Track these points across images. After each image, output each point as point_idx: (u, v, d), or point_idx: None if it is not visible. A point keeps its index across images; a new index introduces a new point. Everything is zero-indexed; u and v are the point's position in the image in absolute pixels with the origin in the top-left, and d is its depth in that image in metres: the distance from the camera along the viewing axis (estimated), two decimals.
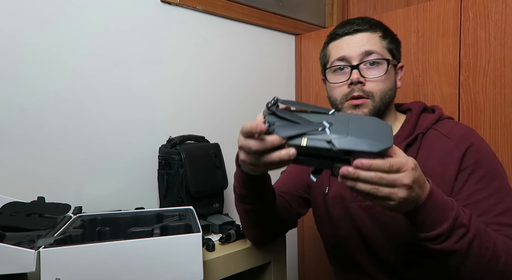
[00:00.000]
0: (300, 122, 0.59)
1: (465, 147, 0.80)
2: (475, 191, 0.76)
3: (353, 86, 0.85)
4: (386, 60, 0.85)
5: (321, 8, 1.86)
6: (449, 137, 0.83)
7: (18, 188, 0.99)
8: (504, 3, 1.10)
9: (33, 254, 0.65)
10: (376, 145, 0.56)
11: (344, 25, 0.89)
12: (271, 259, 1.04)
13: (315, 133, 0.57)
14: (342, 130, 0.57)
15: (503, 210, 0.74)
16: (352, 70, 0.85)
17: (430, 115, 0.89)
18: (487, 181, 0.77)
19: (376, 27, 0.87)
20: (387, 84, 0.86)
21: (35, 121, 1.02)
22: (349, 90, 0.86)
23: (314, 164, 0.60)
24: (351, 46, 0.86)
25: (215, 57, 1.41)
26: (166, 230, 0.83)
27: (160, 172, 1.18)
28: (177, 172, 1.13)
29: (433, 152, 0.83)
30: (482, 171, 0.78)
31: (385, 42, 0.87)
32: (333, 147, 0.56)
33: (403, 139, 0.86)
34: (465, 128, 0.85)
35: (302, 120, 0.60)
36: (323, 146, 0.56)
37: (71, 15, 1.06)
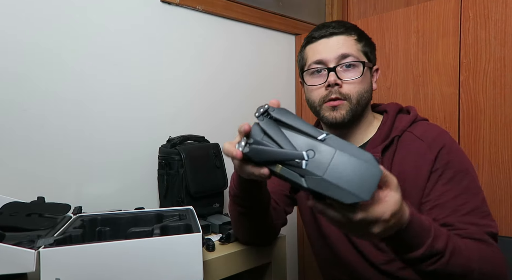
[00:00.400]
0: (280, 146, 0.57)
1: (438, 149, 0.82)
2: (444, 192, 0.79)
3: (330, 88, 0.86)
4: (362, 63, 0.87)
5: (321, 8, 1.86)
6: (423, 140, 0.85)
7: (18, 188, 0.99)
8: (504, 3, 1.10)
9: (33, 254, 0.65)
10: (349, 197, 0.50)
11: (320, 28, 0.90)
12: (271, 259, 1.04)
13: (291, 163, 0.55)
14: (320, 167, 0.53)
15: (470, 209, 0.77)
16: (329, 73, 0.86)
17: (405, 117, 0.91)
18: (456, 182, 0.79)
19: (352, 31, 0.89)
20: (364, 86, 0.88)
21: (35, 121, 1.02)
22: (327, 92, 0.87)
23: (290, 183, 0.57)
24: (328, 49, 0.87)
25: (215, 57, 1.41)
26: (166, 230, 0.83)
27: (160, 172, 1.18)
28: (177, 172, 1.13)
29: (409, 155, 0.85)
30: (451, 172, 0.80)
31: (360, 45, 0.89)
32: (303, 185, 0.53)
33: (380, 142, 0.88)
34: (438, 130, 0.87)
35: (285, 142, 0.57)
36: (295, 180, 0.54)
37: (71, 15, 1.06)
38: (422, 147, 0.84)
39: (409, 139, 0.86)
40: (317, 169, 0.53)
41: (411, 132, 0.87)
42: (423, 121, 0.91)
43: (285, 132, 0.58)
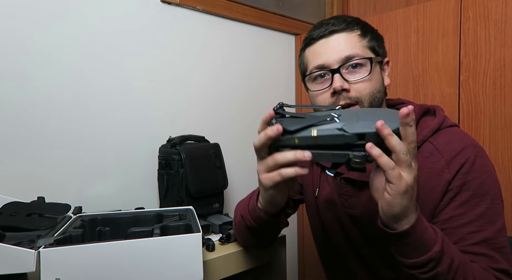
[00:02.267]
0: (307, 117, 0.58)
1: (457, 168, 0.72)
2: (455, 216, 0.71)
3: (337, 95, 0.78)
4: (369, 59, 0.77)
5: (321, 8, 1.86)
6: (443, 155, 0.74)
7: (18, 188, 0.99)
8: (504, 3, 1.10)
9: (33, 254, 0.65)
10: (389, 125, 0.53)
11: (318, 27, 0.81)
12: (271, 259, 1.04)
13: (325, 123, 0.56)
14: (351, 118, 0.56)
15: (481, 239, 0.69)
16: (333, 76, 0.77)
17: (430, 122, 0.80)
18: (470, 206, 0.70)
19: (354, 25, 0.79)
20: (374, 85, 0.78)
21: (35, 121, 1.02)
22: (334, 99, 0.78)
23: (329, 157, 0.57)
24: (329, 50, 0.78)
25: (215, 57, 1.41)
26: (166, 230, 0.83)
27: (160, 172, 1.18)
28: (177, 172, 1.13)
29: (423, 169, 0.74)
30: (467, 194, 0.71)
31: (365, 41, 0.79)
32: (345, 133, 0.54)
33: None
34: (463, 142, 0.75)
35: (310, 116, 0.59)
36: (334, 133, 0.55)
37: (70, 15, 1.06)
38: (439, 163, 0.74)
39: (427, 151, 0.76)
40: (350, 119, 0.56)
41: (432, 143, 0.76)
42: (449, 129, 0.79)
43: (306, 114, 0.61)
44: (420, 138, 0.77)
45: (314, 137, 0.56)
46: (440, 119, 0.79)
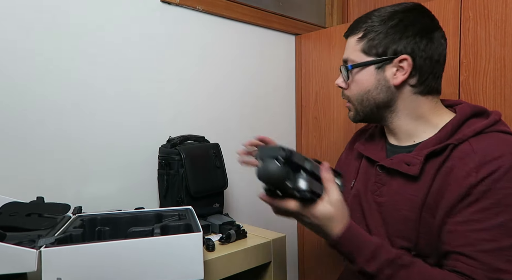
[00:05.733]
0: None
1: (484, 175, 0.70)
2: (470, 221, 0.70)
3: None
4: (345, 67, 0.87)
5: (321, 8, 1.86)
6: (476, 157, 0.72)
7: (18, 188, 0.98)
8: (504, 3, 1.10)
9: (34, 254, 0.65)
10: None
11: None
12: (271, 259, 1.04)
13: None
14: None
15: (494, 248, 0.67)
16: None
17: (477, 123, 0.79)
18: (490, 214, 0.69)
19: (359, 28, 0.86)
20: (361, 88, 0.86)
21: (35, 121, 1.02)
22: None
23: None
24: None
25: (215, 57, 1.41)
26: (167, 230, 0.83)
27: (160, 172, 1.18)
28: (177, 172, 1.13)
29: (454, 170, 0.74)
30: (489, 201, 0.69)
31: (361, 43, 0.84)
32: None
33: (430, 146, 0.79)
34: (503, 150, 0.71)
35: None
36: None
37: (70, 15, 1.06)
38: (469, 166, 0.72)
39: (464, 152, 0.74)
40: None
41: (471, 145, 0.75)
42: (497, 134, 0.76)
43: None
44: (459, 136, 0.76)
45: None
46: (489, 122, 0.78)
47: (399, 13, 0.82)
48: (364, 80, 0.85)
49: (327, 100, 1.59)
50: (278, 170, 0.66)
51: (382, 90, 0.84)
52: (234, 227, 1.05)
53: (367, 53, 0.84)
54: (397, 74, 0.83)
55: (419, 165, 0.78)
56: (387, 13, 0.83)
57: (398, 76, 0.83)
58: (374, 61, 0.84)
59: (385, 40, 0.82)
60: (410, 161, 0.80)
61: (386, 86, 0.84)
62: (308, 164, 0.72)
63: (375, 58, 0.83)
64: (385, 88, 0.84)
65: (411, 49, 0.81)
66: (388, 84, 0.84)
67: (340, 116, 1.54)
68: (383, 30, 0.82)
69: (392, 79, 0.83)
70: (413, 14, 0.83)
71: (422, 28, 0.82)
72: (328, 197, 0.73)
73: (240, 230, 1.05)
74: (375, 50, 0.83)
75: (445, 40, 0.86)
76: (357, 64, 0.85)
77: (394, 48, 0.82)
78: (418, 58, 0.81)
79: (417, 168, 0.78)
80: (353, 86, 0.87)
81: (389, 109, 0.87)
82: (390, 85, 0.84)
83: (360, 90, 0.86)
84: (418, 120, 0.85)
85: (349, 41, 0.88)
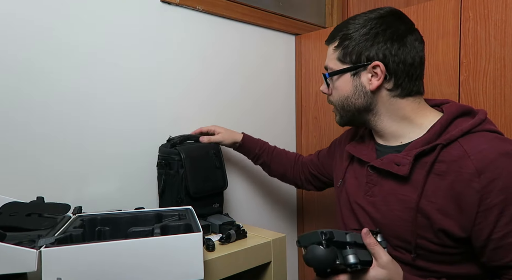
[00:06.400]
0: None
1: (489, 179, 0.71)
2: (509, 232, 0.72)
3: None
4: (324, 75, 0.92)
5: (321, 8, 1.86)
6: (473, 161, 0.73)
7: (18, 188, 0.98)
8: (504, 3, 1.10)
9: (34, 254, 0.65)
10: None
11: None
12: (271, 259, 1.04)
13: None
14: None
15: None
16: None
17: (464, 122, 0.80)
18: None
19: (335, 36, 0.90)
20: (341, 93, 0.90)
21: (35, 121, 1.02)
22: None
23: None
24: None
25: (215, 57, 1.41)
26: (167, 230, 0.83)
27: (160, 171, 1.18)
28: (177, 172, 1.13)
29: (449, 173, 0.76)
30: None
31: (337, 52, 0.89)
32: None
33: (419, 146, 0.80)
34: (498, 150, 0.73)
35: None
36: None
37: (69, 15, 1.06)
38: (468, 170, 0.73)
39: (455, 154, 0.75)
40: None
41: (461, 145, 0.76)
42: (485, 133, 0.78)
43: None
44: (447, 136, 0.78)
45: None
46: (476, 121, 0.79)
47: (372, 20, 0.85)
48: (343, 86, 0.89)
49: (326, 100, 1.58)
50: (325, 254, 0.69)
51: (360, 95, 0.88)
52: (234, 227, 1.05)
53: (342, 61, 0.88)
54: (372, 80, 0.85)
55: (409, 165, 0.79)
56: (361, 21, 0.86)
57: (373, 81, 0.85)
58: (349, 68, 0.87)
59: (358, 47, 0.85)
60: (399, 162, 0.81)
61: (364, 91, 0.87)
62: (349, 237, 0.74)
63: (350, 65, 0.87)
64: (362, 93, 0.87)
65: (383, 55, 0.83)
66: (365, 90, 0.87)
67: None
68: (356, 37, 0.85)
69: (368, 84, 0.86)
70: (385, 21, 0.85)
71: (393, 33, 0.84)
72: (378, 262, 0.74)
73: (240, 230, 1.05)
74: (349, 58, 0.87)
75: (421, 43, 0.88)
76: (334, 72, 0.90)
77: (366, 54, 0.85)
78: (391, 63, 0.83)
79: (407, 168, 0.79)
80: (334, 93, 0.92)
81: (370, 112, 0.89)
82: (367, 91, 0.87)
83: (340, 96, 0.91)
84: (402, 122, 0.87)
85: (329, 49, 0.92)
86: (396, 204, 0.83)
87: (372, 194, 0.89)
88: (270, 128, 1.61)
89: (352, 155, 0.98)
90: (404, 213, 0.81)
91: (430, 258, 0.80)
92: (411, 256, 0.81)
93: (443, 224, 0.76)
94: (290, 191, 1.72)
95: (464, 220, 0.74)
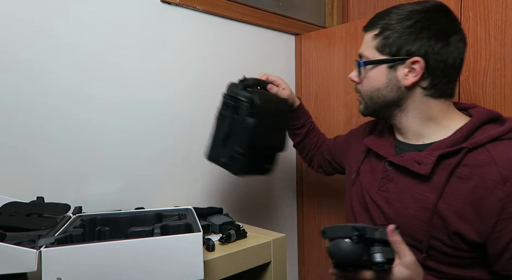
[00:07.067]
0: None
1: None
2: None
3: None
4: (358, 63, 0.88)
5: (321, 8, 1.86)
6: (499, 168, 0.71)
7: (18, 188, 0.98)
8: (504, 3, 1.10)
9: (34, 254, 0.65)
10: None
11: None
12: (271, 259, 1.04)
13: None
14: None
15: None
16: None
17: (493, 129, 0.78)
18: None
19: (376, 24, 0.85)
20: (371, 84, 0.87)
21: (35, 121, 1.02)
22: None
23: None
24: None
25: (215, 57, 1.41)
26: (167, 230, 0.83)
27: (223, 113, 1.03)
28: (243, 120, 0.98)
29: (472, 177, 0.74)
30: None
31: (376, 41, 0.84)
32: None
33: (443, 147, 0.79)
34: None
35: None
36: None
37: (69, 15, 1.06)
38: (493, 176, 0.71)
39: (482, 160, 0.74)
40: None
41: (488, 151, 0.74)
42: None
43: None
44: (474, 141, 0.76)
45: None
46: (506, 129, 0.76)
47: (418, 13, 0.81)
48: (376, 77, 0.86)
49: (327, 100, 1.59)
50: (354, 249, 0.67)
51: (393, 89, 0.84)
52: (234, 227, 1.05)
53: (380, 51, 0.84)
54: (408, 75, 0.82)
55: (431, 165, 0.77)
56: (405, 12, 0.82)
57: (409, 77, 0.82)
58: (386, 60, 0.83)
59: (400, 40, 0.81)
60: (421, 160, 0.79)
61: (397, 86, 0.84)
62: (378, 234, 0.71)
63: (388, 57, 0.83)
64: (395, 87, 0.84)
65: (425, 52, 0.80)
66: (399, 84, 0.83)
67: (340, 116, 1.54)
68: (399, 29, 0.81)
69: (403, 79, 0.83)
70: (431, 15, 0.81)
71: (439, 30, 0.80)
72: (402, 260, 0.71)
73: (240, 230, 1.05)
74: (388, 49, 0.83)
75: (464, 44, 0.83)
76: (370, 62, 0.85)
77: (407, 48, 0.81)
78: (431, 61, 0.80)
79: (429, 168, 0.78)
80: (365, 82, 0.88)
81: (398, 108, 0.87)
82: (401, 85, 0.83)
83: (370, 87, 0.87)
84: (428, 122, 0.85)
85: (366, 36, 0.88)
86: (412, 202, 0.81)
87: (386, 190, 0.87)
88: None
89: (368, 149, 0.96)
90: (419, 213, 0.79)
91: (441, 260, 0.79)
92: (421, 256, 0.79)
93: (459, 228, 0.74)
94: (291, 191, 1.72)
95: (482, 226, 0.73)
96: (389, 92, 0.85)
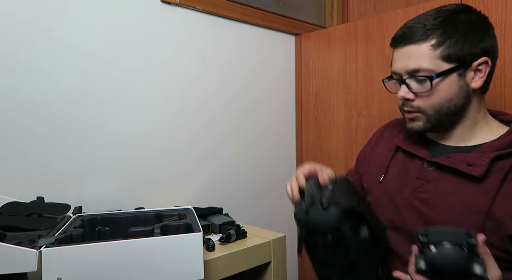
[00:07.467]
0: None
1: None
2: None
3: (403, 100, 0.84)
4: (429, 77, 0.79)
5: (321, 8, 1.86)
6: None
7: (18, 188, 0.98)
8: (504, 3, 1.10)
9: (34, 254, 0.65)
10: None
11: (399, 33, 0.84)
12: (271, 259, 1.04)
13: None
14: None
15: None
16: (401, 85, 0.83)
17: None
18: None
19: (431, 33, 0.79)
20: (441, 96, 0.80)
21: (35, 121, 1.02)
22: (402, 102, 0.85)
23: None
24: (400, 60, 0.83)
25: (215, 57, 1.41)
26: (167, 230, 0.84)
27: None
28: None
29: None
30: None
31: (438, 51, 0.79)
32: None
33: (494, 149, 0.77)
34: None
35: None
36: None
37: (69, 15, 1.06)
38: None
39: None
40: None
41: None
42: None
43: None
44: None
45: None
46: None
47: (465, 15, 0.80)
48: (447, 88, 0.81)
49: (327, 100, 1.59)
50: (464, 259, 0.60)
51: (463, 95, 0.81)
52: (234, 227, 1.05)
53: (448, 60, 0.79)
54: (475, 77, 0.81)
55: (485, 167, 0.76)
56: (451, 18, 0.80)
57: (476, 79, 0.81)
58: (456, 67, 0.80)
59: (466, 44, 0.79)
60: (473, 162, 0.77)
61: (467, 91, 0.82)
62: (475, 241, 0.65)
63: (456, 64, 0.80)
64: (465, 93, 0.81)
65: (488, 50, 0.80)
66: (468, 89, 0.81)
67: (340, 116, 1.54)
68: (462, 34, 0.79)
69: (472, 83, 0.81)
70: (474, 15, 0.81)
71: (488, 28, 0.81)
72: (490, 274, 0.66)
73: (240, 230, 1.05)
74: (456, 56, 0.79)
75: None
76: (442, 73, 0.79)
77: (474, 51, 0.79)
78: (494, 59, 0.82)
79: (482, 170, 0.76)
80: (435, 95, 0.81)
81: (460, 113, 0.84)
82: (470, 90, 0.82)
83: (441, 99, 0.81)
84: (476, 124, 0.84)
85: (417, 49, 0.80)
86: (460, 205, 0.78)
87: (423, 191, 0.84)
88: (270, 128, 1.61)
89: (396, 150, 0.94)
90: (469, 215, 0.77)
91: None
92: None
93: None
94: None
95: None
96: (460, 99, 0.81)
